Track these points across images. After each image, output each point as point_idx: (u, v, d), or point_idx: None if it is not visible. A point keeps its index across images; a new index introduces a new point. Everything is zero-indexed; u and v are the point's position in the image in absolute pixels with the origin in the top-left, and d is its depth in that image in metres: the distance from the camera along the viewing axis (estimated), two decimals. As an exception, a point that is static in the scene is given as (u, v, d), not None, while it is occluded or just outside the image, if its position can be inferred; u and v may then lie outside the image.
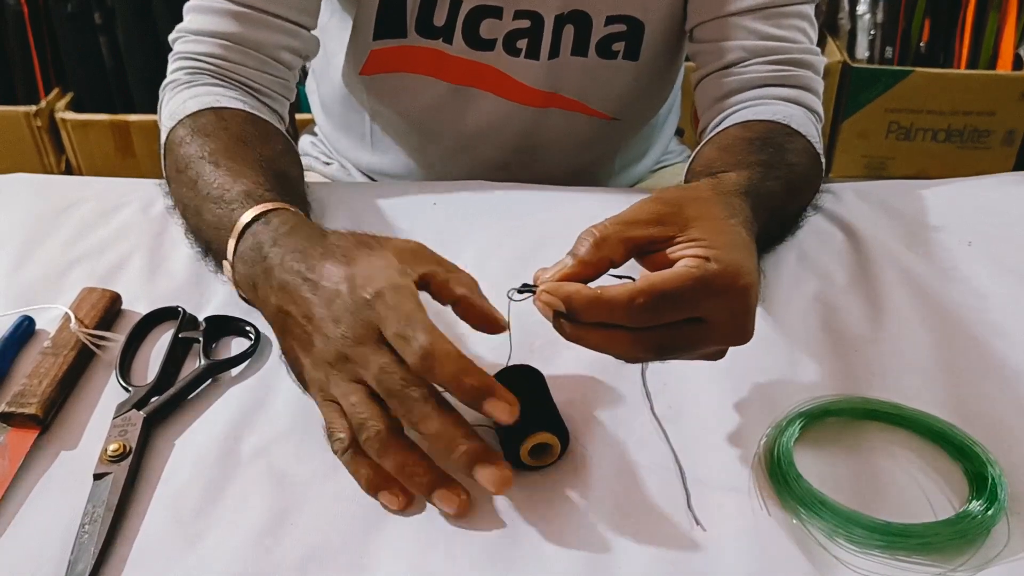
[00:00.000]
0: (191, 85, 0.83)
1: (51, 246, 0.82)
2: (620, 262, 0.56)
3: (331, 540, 0.56)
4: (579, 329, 0.55)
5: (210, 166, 0.72)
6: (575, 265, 0.55)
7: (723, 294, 0.53)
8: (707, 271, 0.53)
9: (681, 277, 0.52)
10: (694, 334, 0.54)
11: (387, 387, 0.55)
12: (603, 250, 0.55)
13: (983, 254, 0.81)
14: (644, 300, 0.52)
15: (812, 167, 0.80)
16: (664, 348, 0.55)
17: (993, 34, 2.10)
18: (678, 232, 0.56)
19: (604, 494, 0.59)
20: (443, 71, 0.95)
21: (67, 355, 0.67)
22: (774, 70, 0.86)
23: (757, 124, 0.81)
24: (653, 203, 0.58)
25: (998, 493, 0.57)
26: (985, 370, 0.68)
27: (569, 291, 0.53)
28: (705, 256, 0.54)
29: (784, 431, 0.61)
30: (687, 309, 0.53)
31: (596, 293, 0.53)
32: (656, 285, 0.52)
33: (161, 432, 0.64)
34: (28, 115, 2.07)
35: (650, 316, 0.52)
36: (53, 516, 0.58)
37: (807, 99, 0.87)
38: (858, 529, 0.55)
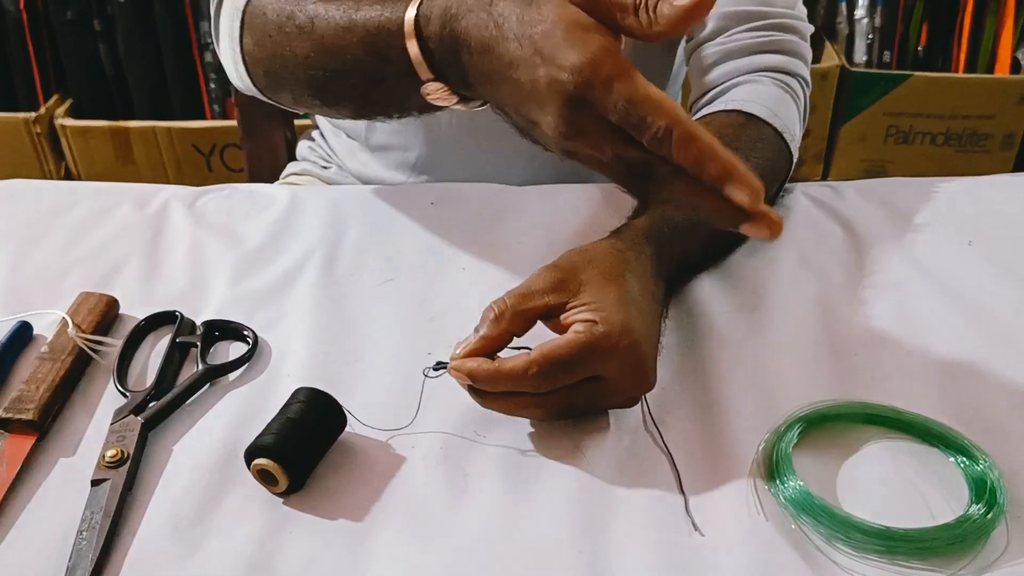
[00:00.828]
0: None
1: (47, 250, 0.82)
2: (521, 332, 0.61)
3: (329, 547, 0.56)
4: (489, 399, 0.60)
5: (322, 3, 0.66)
6: (478, 341, 0.60)
7: (612, 353, 0.58)
8: (592, 335, 0.57)
9: (570, 344, 0.57)
10: (595, 391, 0.59)
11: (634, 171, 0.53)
12: (502, 324, 0.60)
13: (983, 254, 0.81)
14: (538, 368, 0.57)
15: (769, 154, 0.80)
16: (571, 406, 0.60)
17: (991, 38, 2.10)
18: (570, 298, 0.60)
19: (602, 500, 0.59)
20: None
21: (65, 360, 0.67)
22: (759, 36, 0.87)
23: (712, 119, 0.81)
24: (550, 271, 0.62)
25: (997, 497, 0.56)
26: (985, 373, 0.68)
27: (471, 367, 0.59)
28: (593, 319, 0.58)
29: (783, 436, 0.61)
30: (580, 371, 0.58)
31: (495, 367, 0.58)
32: (546, 355, 0.57)
33: (159, 438, 0.64)
34: (28, 122, 2.07)
35: (547, 382, 0.57)
36: (51, 522, 0.58)
37: (792, 64, 0.87)
38: (857, 534, 0.55)
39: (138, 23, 2.05)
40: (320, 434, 0.61)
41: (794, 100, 0.86)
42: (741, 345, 0.70)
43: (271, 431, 0.59)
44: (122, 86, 2.14)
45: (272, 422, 0.60)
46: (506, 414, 0.62)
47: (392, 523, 0.57)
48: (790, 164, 0.84)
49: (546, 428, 0.63)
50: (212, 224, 0.85)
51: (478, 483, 0.60)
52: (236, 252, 0.81)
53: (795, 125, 0.84)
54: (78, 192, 0.92)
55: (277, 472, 0.58)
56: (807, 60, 0.89)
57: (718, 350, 0.70)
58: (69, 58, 2.12)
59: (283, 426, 0.60)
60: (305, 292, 0.76)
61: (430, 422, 0.64)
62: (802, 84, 0.88)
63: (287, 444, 0.59)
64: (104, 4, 2.05)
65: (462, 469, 0.61)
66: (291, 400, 0.62)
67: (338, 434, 0.62)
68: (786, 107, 0.84)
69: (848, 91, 2.11)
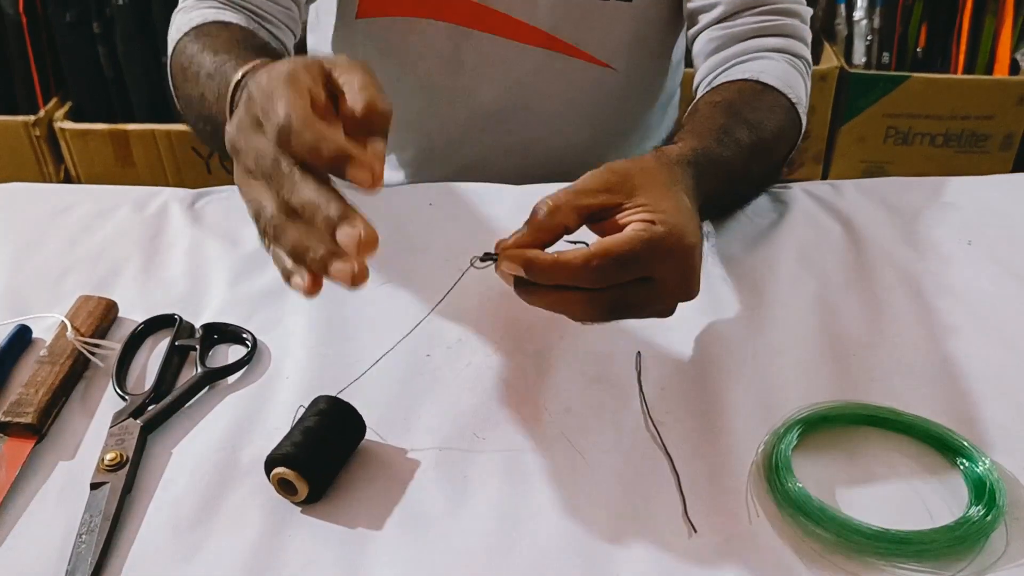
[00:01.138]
0: (199, 8, 0.86)
1: (46, 253, 0.82)
2: (574, 228, 0.60)
3: (327, 550, 0.56)
4: (537, 292, 0.59)
5: (211, 55, 0.74)
6: (532, 232, 0.59)
7: (670, 254, 0.57)
8: (654, 233, 0.57)
9: (632, 240, 0.57)
10: (644, 292, 0.58)
11: (262, 169, 0.54)
12: (557, 217, 0.59)
13: (983, 254, 0.81)
14: (599, 262, 0.56)
15: (784, 119, 0.83)
16: (617, 307, 0.59)
17: (990, 39, 2.10)
18: (625, 199, 0.60)
19: (601, 501, 0.59)
20: (440, 11, 0.96)
21: (64, 364, 0.67)
22: (761, 20, 0.90)
23: (727, 86, 0.85)
24: (602, 173, 0.62)
25: (997, 499, 0.56)
26: (984, 374, 0.68)
27: (529, 256, 0.57)
28: (652, 220, 0.58)
29: (782, 438, 0.61)
30: (637, 269, 0.57)
31: (554, 257, 0.57)
32: (609, 248, 0.56)
33: (158, 441, 0.64)
34: (27, 124, 2.07)
35: (604, 277, 0.56)
36: (50, 526, 0.58)
37: (794, 46, 0.91)
38: (856, 536, 0.55)
39: (137, 25, 2.05)
40: (341, 446, 0.61)
41: (801, 76, 0.89)
42: (741, 346, 0.70)
43: (294, 440, 0.59)
44: (121, 89, 2.14)
45: (294, 431, 0.60)
46: (550, 310, 0.60)
47: (391, 526, 0.57)
48: (799, 132, 0.87)
49: (545, 430, 0.63)
50: (211, 226, 0.85)
51: (477, 486, 0.60)
52: (235, 254, 0.81)
53: (804, 97, 0.88)
54: (76, 195, 0.92)
55: (298, 483, 0.58)
56: (808, 42, 0.93)
57: (718, 351, 0.70)
58: (68, 61, 2.12)
59: (306, 436, 0.59)
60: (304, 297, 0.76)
61: (429, 425, 0.64)
62: (805, 64, 0.91)
63: (311, 456, 0.59)
64: (103, 7, 2.05)
65: (461, 471, 0.61)
66: (312, 409, 0.62)
67: (356, 445, 0.62)
68: (796, 81, 0.88)
69: (847, 92, 2.11)
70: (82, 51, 2.09)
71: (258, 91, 0.55)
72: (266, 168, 0.53)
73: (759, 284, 0.77)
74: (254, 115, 0.55)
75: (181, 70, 0.79)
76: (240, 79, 0.66)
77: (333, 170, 0.52)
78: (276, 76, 0.54)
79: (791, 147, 0.86)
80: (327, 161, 0.52)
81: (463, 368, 0.69)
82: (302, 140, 0.52)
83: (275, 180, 0.53)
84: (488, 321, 0.73)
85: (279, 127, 0.52)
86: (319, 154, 0.51)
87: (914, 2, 2.10)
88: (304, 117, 0.52)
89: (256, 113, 0.54)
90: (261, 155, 0.53)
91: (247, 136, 0.55)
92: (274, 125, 0.52)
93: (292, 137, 0.52)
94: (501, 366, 0.69)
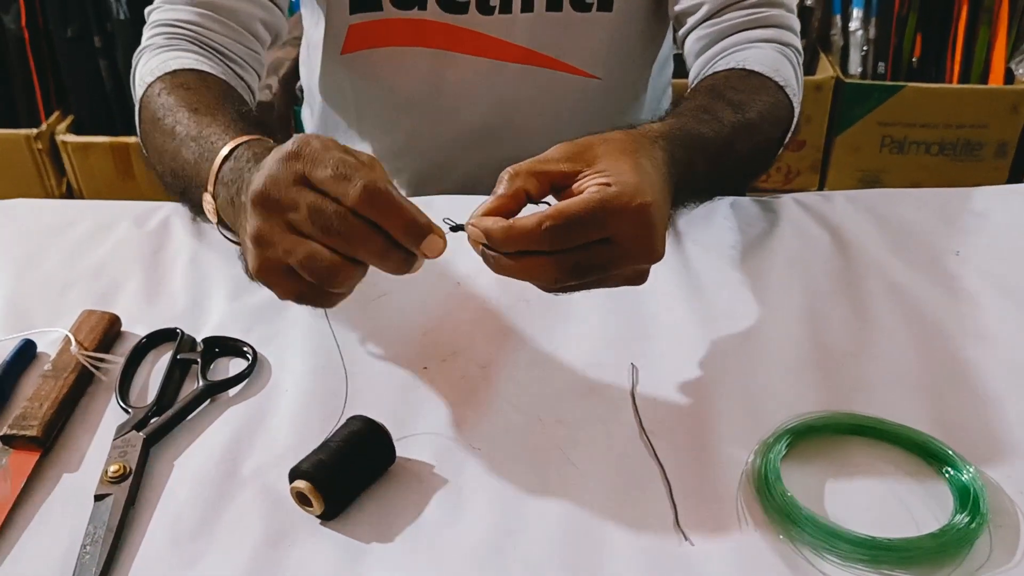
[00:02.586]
0: (169, 49, 0.86)
1: (49, 269, 0.83)
2: (536, 196, 0.61)
3: (327, 561, 0.57)
4: (502, 262, 0.59)
5: (189, 112, 0.74)
6: (495, 200, 0.60)
7: (623, 213, 0.57)
8: (607, 193, 0.58)
9: (584, 200, 0.57)
10: (605, 253, 0.59)
11: (321, 223, 0.56)
12: (516, 182, 0.60)
13: (971, 265, 0.82)
14: (551, 223, 0.56)
15: (769, 99, 0.84)
16: (580, 269, 0.59)
17: (984, 49, 2.11)
18: (586, 167, 0.61)
19: (593, 510, 0.60)
20: (422, 38, 0.98)
21: (67, 377, 0.69)
22: (748, 13, 0.92)
23: (713, 75, 0.86)
24: (566, 144, 0.63)
25: (981, 506, 0.58)
26: (969, 383, 0.69)
27: (487, 224, 0.58)
28: (607, 182, 0.59)
29: (771, 448, 0.62)
30: (593, 230, 0.57)
31: (509, 223, 0.58)
32: (561, 209, 0.57)
33: (161, 453, 0.65)
34: (29, 138, 2.09)
35: (560, 239, 0.57)
36: (55, 537, 0.59)
37: (783, 36, 0.92)
38: (844, 544, 0.56)
39: (138, 39, 2.04)
40: (367, 471, 0.62)
41: (791, 63, 0.90)
42: (731, 356, 0.72)
43: (322, 457, 0.60)
44: (122, 102, 2.15)
45: (324, 446, 0.61)
46: (517, 277, 0.60)
47: (388, 537, 0.58)
48: (792, 114, 0.87)
49: (539, 441, 0.65)
50: (212, 240, 0.86)
51: (471, 496, 0.61)
52: (235, 268, 0.81)
53: (794, 81, 0.88)
54: (78, 210, 0.93)
55: (315, 499, 0.59)
56: (796, 31, 0.94)
57: (708, 362, 0.71)
58: (70, 75, 2.13)
59: (334, 455, 0.60)
60: (303, 307, 0.77)
61: (425, 437, 0.65)
62: (795, 52, 0.92)
63: (334, 475, 0.60)
64: (104, 21, 2.07)
65: (455, 482, 0.62)
66: (352, 427, 0.63)
67: (383, 471, 0.63)
68: (784, 66, 0.88)
69: (843, 102, 2.13)
70: (83, 65, 2.11)
71: (312, 153, 0.56)
72: (327, 222, 0.55)
73: (749, 294, 0.78)
74: (297, 172, 0.56)
75: (153, 119, 0.78)
76: (230, 152, 0.66)
77: (409, 236, 0.56)
78: (326, 141, 0.58)
79: (783, 129, 0.86)
80: (410, 231, 0.56)
81: (458, 380, 0.70)
82: (390, 204, 0.55)
83: (341, 232, 0.55)
84: (482, 334, 0.74)
85: (369, 186, 0.54)
86: (403, 219, 0.55)
87: (909, 12, 2.11)
88: (388, 186, 0.56)
89: (302, 171, 0.56)
90: (317, 209, 0.55)
91: (291, 191, 0.56)
92: (359, 188, 0.55)
93: (379, 200, 0.55)
94: (495, 378, 0.70)
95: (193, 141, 0.71)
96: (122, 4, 2.03)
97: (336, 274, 0.57)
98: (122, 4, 2.03)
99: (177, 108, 0.76)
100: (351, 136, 1.11)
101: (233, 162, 0.65)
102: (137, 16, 2.03)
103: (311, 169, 0.56)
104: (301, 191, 0.56)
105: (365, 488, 0.61)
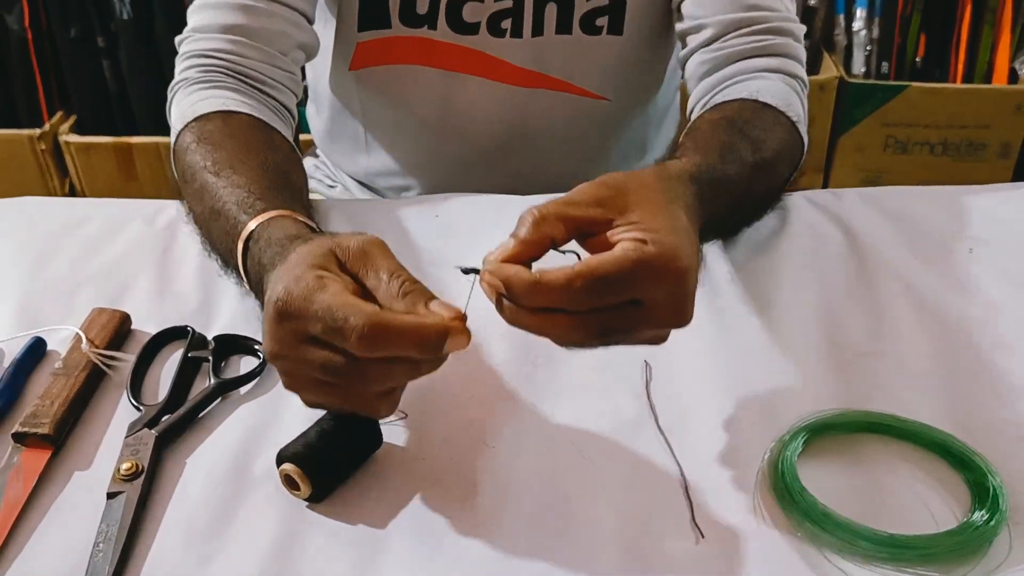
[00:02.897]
0: (201, 86, 0.85)
1: (60, 267, 0.83)
2: (561, 241, 0.57)
3: (342, 559, 0.57)
4: (519, 313, 0.54)
5: (212, 176, 0.73)
6: (516, 245, 0.55)
7: (661, 276, 0.53)
8: (644, 253, 0.53)
9: (619, 260, 0.53)
10: (633, 317, 0.54)
11: (337, 375, 0.54)
12: (543, 228, 0.55)
13: (984, 262, 0.82)
14: (582, 283, 0.52)
15: (785, 138, 0.82)
16: (604, 332, 0.55)
17: (988, 48, 2.11)
18: (618, 215, 0.56)
19: (609, 508, 0.60)
20: (431, 58, 0.97)
21: (79, 375, 0.68)
22: (754, 40, 0.89)
23: (726, 105, 0.84)
24: (594, 186, 0.58)
25: (999, 503, 0.57)
26: (985, 380, 0.69)
27: (508, 273, 0.53)
28: (643, 239, 0.54)
29: (788, 445, 0.62)
30: (626, 292, 0.53)
31: (535, 277, 0.52)
32: (594, 268, 0.52)
33: (172, 451, 0.64)
34: (32, 138, 2.08)
35: (589, 299, 0.53)
36: (67, 535, 0.59)
37: (789, 66, 0.89)
38: (862, 542, 0.56)
39: (141, 40, 2.06)
40: (353, 453, 0.62)
41: (798, 96, 0.88)
42: (746, 354, 0.71)
43: (309, 440, 0.61)
44: (125, 102, 2.15)
45: (310, 430, 0.61)
46: (534, 332, 0.55)
47: (404, 534, 0.58)
48: (802, 150, 0.86)
49: (553, 437, 0.64)
50: (221, 240, 0.86)
51: (487, 492, 0.61)
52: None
53: (803, 116, 0.86)
54: (87, 208, 0.93)
55: (303, 482, 0.59)
56: (802, 61, 0.92)
57: (723, 359, 0.71)
58: (73, 75, 2.13)
59: (320, 437, 0.61)
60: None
61: (439, 434, 0.65)
62: (801, 84, 0.90)
63: (320, 457, 0.60)
64: (107, 21, 2.06)
65: (471, 479, 0.62)
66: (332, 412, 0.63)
67: (370, 453, 0.63)
68: (794, 101, 0.86)
69: (846, 102, 2.12)
70: (86, 65, 2.11)
71: (304, 311, 0.53)
72: (340, 374, 0.54)
73: (762, 292, 0.78)
74: (297, 331, 0.54)
75: (184, 179, 0.78)
76: (251, 233, 0.66)
77: (427, 351, 0.53)
78: (306, 288, 0.54)
79: (793, 167, 0.84)
80: (428, 350, 0.53)
81: (471, 380, 0.70)
82: (399, 341, 0.52)
83: (361, 376, 0.54)
84: (495, 331, 0.74)
85: (364, 333, 0.51)
86: (416, 338, 0.52)
87: (913, 12, 2.11)
88: (385, 318, 0.52)
89: (302, 330, 0.54)
90: (328, 365, 0.54)
91: (299, 351, 0.55)
92: (355, 340, 0.52)
93: (383, 341, 0.52)
94: (509, 376, 0.70)
95: (219, 217, 0.70)
96: (125, 4, 2.02)
97: (379, 406, 0.57)
98: (125, 4, 2.02)
99: (201, 171, 0.75)
100: (358, 147, 1.10)
101: (250, 262, 0.65)
102: (140, 16, 2.03)
103: (303, 325, 0.53)
104: (307, 349, 0.54)
105: (352, 469, 0.62)
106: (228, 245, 0.69)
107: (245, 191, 0.71)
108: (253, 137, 0.80)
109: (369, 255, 0.57)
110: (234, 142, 0.78)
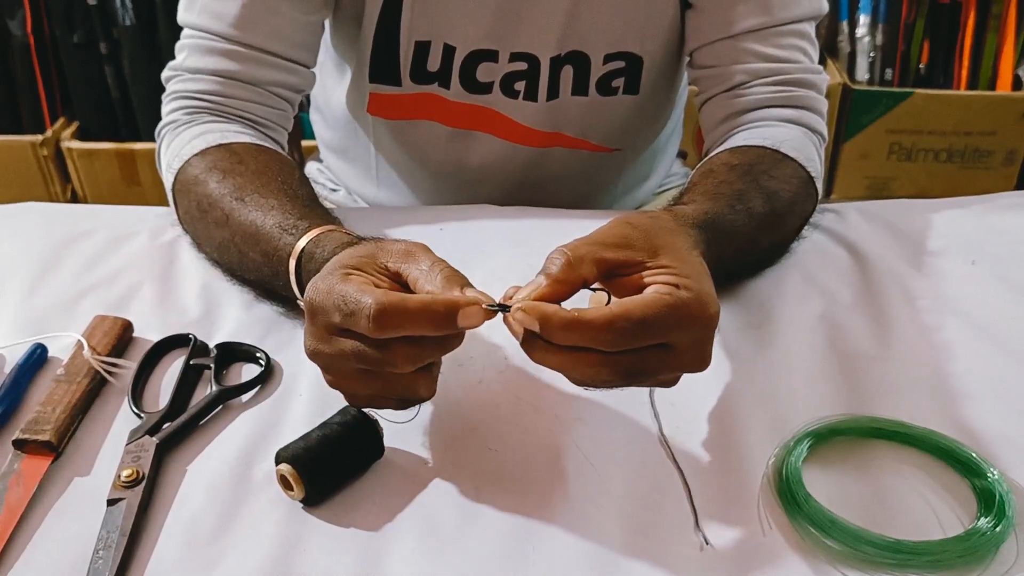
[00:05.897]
0: (192, 124, 0.84)
1: (63, 274, 0.83)
2: (592, 282, 0.58)
3: (342, 565, 0.57)
4: (548, 350, 0.55)
5: (236, 203, 0.74)
6: (550, 285, 0.56)
7: (692, 321, 0.55)
8: (679, 299, 0.54)
9: (656, 303, 0.54)
10: (660, 359, 0.55)
11: (365, 359, 0.55)
12: (578, 270, 0.56)
13: (987, 273, 0.82)
14: (623, 325, 0.53)
15: (801, 192, 0.81)
16: (631, 373, 0.55)
17: (992, 55, 2.11)
18: (647, 258, 0.58)
19: (612, 513, 0.59)
20: (442, 115, 0.96)
21: (80, 382, 0.68)
22: (776, 91, 0.87)
23: (746, 150, 0.82)
24: (623, 226, 0.59)
25: (1006, 509, 0.57)
26: (990, 387, 0.69)
27: (547, 311, 0.53)
28: (676, 284, 0.55)
29: (792, 451, 0.62)
30: (658, 335, 0.54)
31: (574, 316, 0.53)
32: (631, 311, 0.53)
33: (173, 458, 0.64)
34: (34, 144, 2.09)
35: (624, 340, 0.53)
36: (67, 542, 0.58)
37: (809, 119, 0.88)
38: (868, 548, 0.55)
39: (143, 46, 2.07)
40: (353, 460, 0.62)
41: (816, 150, 0.86)
42: (750, 360, 0.71)
43: (308, 442, 0.61)
44: (127, 109, 2.16)
45: (312, 432, 0.61)
46: (560, 370, 0.56)
47: (406, 538, 0.58)
48: (815, 206, 0.85)
49: (557, 443, 0.64)
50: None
51: (490, 496, 0.61)
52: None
53: (821, 171, 0.85)
54: (91, 215, 0.93)
55: (296, 483, 0.59)
56: (823, 114, 0.90)
57: (727, 365, 0.70)
58: (75, 81, 2.14)
59: (320, 441, 0.61)
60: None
61: (443, 439, 0.65)
62: (820, 139, 0.88)
63: (316, 460, 0.60)
64: (110, 28, 2.07)
65: (473, 483, 0.61)
66: (337, 417, 0.63)
67: (371, 462, 0.63)
68: (813, 156, 0.85)
69: (850, 109, 2.13)
70: (89, 71, 2.11)
71: (325, 303, 0.56)
72: (368, 357, 0.55)
73: (766, 302, 0.77)
74: (327, 324, 0.56)
75: (199, 210, 0.77)
76: (302, 251, 0.67)
77: (440, 327, 0.54)
78: (326, 281, 0.57)
79: (804, 220, 0.83)
80: (441, 327, 0.54)
81: (475, 385, 0.69)
82: (410, 320, 0.53)
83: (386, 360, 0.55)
84: (500, 340, 0.74)
85: (375, 319, 0.53)
86: (426, 316, 0.53)
87: (916, 19, 2.11)
88: (394, 300, 0.53)
89: (330, 322, 0.56)
90: (358, 351, 0.55)
91: (331, 344, 0.56)
92: (367, 323, 0.53)
93: (394, 322, 0.53)
94: (512, 382, 0.70)
95: (255, 241, 0.71)
96: (128, 11, 2.03)
97: (418, 387, 0.57)
98: (128, 11, 2.03)
99: (222, 198, 0.75)
100: (369, 178, 1.09)
101: (305, 278, 0.66)
102: (143, 23, 2.04)
103: (328, 318, 0.56)
104: (337, 341, 0.56)
105: (349, 477, 0.62)
106: (272, 268, 0.69)
107: (280, 212, 0.71)
108: (263, 161, 0.79)
109: (413, 254, 0.59)
110: (247, 168, 0.78)
